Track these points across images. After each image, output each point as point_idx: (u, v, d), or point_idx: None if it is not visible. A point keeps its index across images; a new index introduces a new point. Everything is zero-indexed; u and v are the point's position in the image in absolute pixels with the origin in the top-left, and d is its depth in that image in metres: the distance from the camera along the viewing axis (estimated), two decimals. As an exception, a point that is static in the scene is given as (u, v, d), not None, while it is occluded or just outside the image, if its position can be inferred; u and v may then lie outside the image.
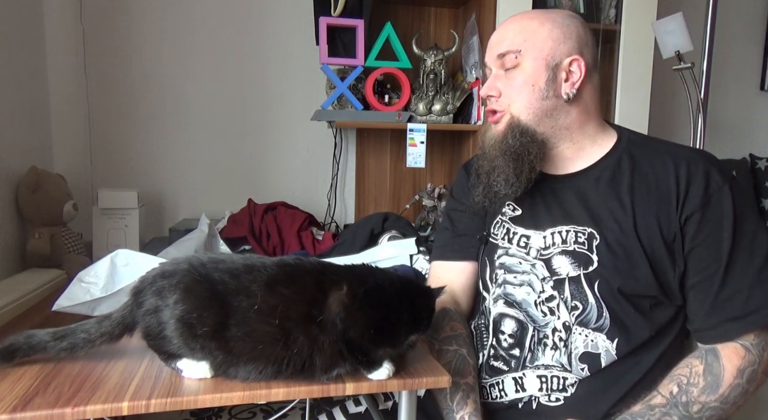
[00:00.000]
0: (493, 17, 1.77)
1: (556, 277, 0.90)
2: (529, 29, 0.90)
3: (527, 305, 0.92)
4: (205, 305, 0.74)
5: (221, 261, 0.79)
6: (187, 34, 1.89)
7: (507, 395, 0.92)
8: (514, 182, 0.91)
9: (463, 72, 1.99)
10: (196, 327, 0.74)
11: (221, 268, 0.77)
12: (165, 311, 0.75)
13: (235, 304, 0.75)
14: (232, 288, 0.76)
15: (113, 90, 1.85)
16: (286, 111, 1.99)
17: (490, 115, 0.96)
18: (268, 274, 0.77)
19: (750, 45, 2.47)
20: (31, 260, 1.42)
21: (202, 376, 0.77)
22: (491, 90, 0.94)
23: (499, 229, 1.00)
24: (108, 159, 1.86)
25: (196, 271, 0.76)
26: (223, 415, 1.44)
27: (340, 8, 1.73)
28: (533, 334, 0.91)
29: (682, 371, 0.84)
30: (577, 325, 0.88)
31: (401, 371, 0.81)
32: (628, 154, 0.92)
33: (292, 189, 2.03)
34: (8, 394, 0.72)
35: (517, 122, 0.91)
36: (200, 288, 0.75)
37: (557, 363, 0.88)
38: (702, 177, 0.85)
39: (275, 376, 0.76)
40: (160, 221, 1.91)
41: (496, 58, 0.93)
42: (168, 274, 0.77)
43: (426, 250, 1.46)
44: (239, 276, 0.77)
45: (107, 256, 1.07)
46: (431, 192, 1.99)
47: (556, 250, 0.91)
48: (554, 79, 0.90)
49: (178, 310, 0.74)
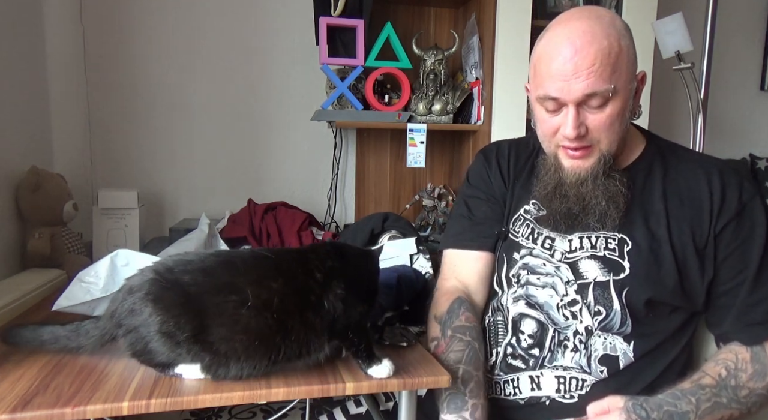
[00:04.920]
0: (493, 17, 1.77)
1: (581, 280, 0.90)
2: (611, 56, 0.80)
3: (549, 308, 0.92)
4: (180, 311, 0.73)
5: (189, 261, 0.77)
6: (187, 34, 1.89)
7: (521, 393, 0.93)
8: (610, 215, 0.88)
9: (463, 72, 1.99)
10: (176, 335, 0.73)
11: (191, 269, 0.76)
12: (142, 328, 0.74)
13: (217, 302, 0.74)
14: (209, 286, 0.74)
15: (113, 90, 1.84)
16: (286, 111, 1.99)
17: (570, 150, 0.87)
18: (249, 266, 0.77)
19: (750, 45, 2.47)
20: (31, 260, 1.42)
21: (202, 376, 0.77)
22: (581, 128, 0.83)
23: (521, 226, 0.98)
24: (108, 159, 1.86)
25: (163, 278, 0.75)
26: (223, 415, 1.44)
27: (340, 8, 1.73)
28: (554, 335, 0.91)
29: (727, 356, 0.86)
30: (600, 331, 0.88)
31: (401, 371, 0.81)
32: (660, 161, 0.92)
33: (292, 189, 2.03)
34: (8, 394, 0.72)
35: (608, 157, 0.86)
36: (170, 294, 0.73)
37: (576, 365, 0.89)
38: (736, 187, 0.87)
39: (270, 367, 0.76)
40: (160, 221, 1.91)
41: (580, 96, 0.81)
42: (135, 289, 0.75)
43: (426, 249, 1.46)
44: (214, 273, 0.75)
45: (107, 256, 1.07)
46: (431, 192, 1.99)
47: (584, 254, 0.90)
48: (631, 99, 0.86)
49: (153, 322, 0.73)
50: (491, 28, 1.78)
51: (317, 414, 1.09)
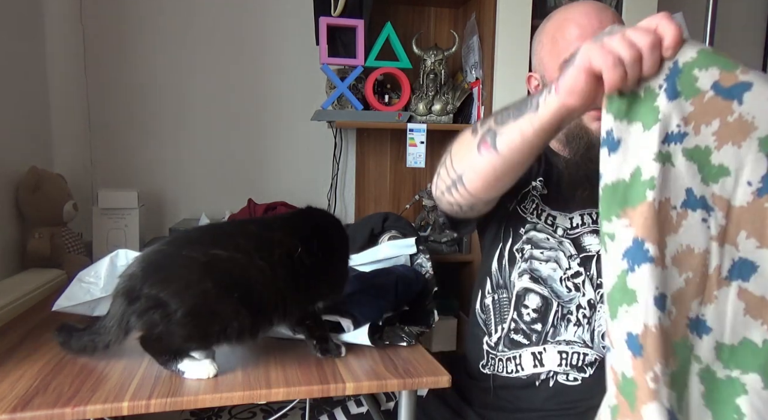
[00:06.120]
0: (493, 17, 1.77)
1: (584, 253, 0.92)
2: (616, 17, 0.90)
3: (552, 281, 0.94)
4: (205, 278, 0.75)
5: (189, 236, 0.83)
6: (187, 34, 1.89)
7: (524, 369, 0.93)
8: None
9: (463, 72, 1.99)
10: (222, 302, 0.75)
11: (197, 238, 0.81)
12: (172, 299, 0.74)
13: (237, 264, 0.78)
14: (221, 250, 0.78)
15: (113, 90, 1.84)
16: (286, 111, 1.99)
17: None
18: (250, 232, 0.83)
19: (750, 45, 2.47)
20: (31, 260, 1.42)
21: (204, 376, 0.77)
22: None
23: (528, 202, 1.00)
24: (108, 159, 1.86)
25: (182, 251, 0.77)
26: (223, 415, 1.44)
27: (340, 8, 1.73)
28: (557, 309, 0.92)
29: None
30: (602, 303, 0.89)
31: (401, 371, 0.81)
32: None
33: (292, 189, 2.03)
34: (8, 394, 0.72)
35: None
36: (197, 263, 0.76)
37: (579, 339, 0.90)
38: None
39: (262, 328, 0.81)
40: (160, 221, 1.91)
41: None
42: (164, 265, 0.77)
43: (426, 249, 1.46)
44: (218, 240, 0.80)
45: (107, 256, 1.07)
46: (431, 192, 1.99)
47: (586, 230, 0.93)
48: None
49: (195, 293, 0.74)
50: (491, 28, 1.78)
51: (317, 414, 1.09)
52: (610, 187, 0.54)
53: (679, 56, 0.54)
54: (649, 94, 0.54)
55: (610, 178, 0.55)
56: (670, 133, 0.53)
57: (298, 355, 0.87)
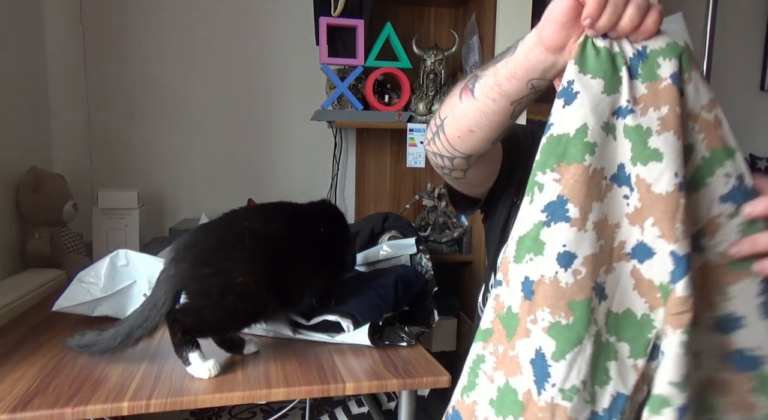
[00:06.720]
0: (493, 17, 1.77)
1: None
2: None
3: None
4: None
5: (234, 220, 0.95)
6: (187, 34, 1.89)
7: None
8: None
9: (463, 72, 1.99)
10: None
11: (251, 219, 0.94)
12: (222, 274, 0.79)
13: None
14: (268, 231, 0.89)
15: (113, 90, 1.84)
16: (286, 111, 1.99)
17: None
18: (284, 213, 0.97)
19: (750, 45, 2.47)
20: (31, 260, 1.42)
21: (205, 376, 0.77)
22: None
23: None
24: (108, 159, 1.86)
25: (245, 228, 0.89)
26: (223, 415, 1.44)
27: (340, 8, 1.73)
28: None
29: None
30: None
31: (401, 371, 0.81)
32: None
33: (292, 189, 2.03)
34: (8, 394, 0.72)
35: None
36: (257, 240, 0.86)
37: None
38: None
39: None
40: (160, 221, 1.91)
41: None
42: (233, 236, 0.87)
43: (426, 249, 1.46)
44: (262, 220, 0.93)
45: (107, 256, 1.07)
46: (431, 192, 1.99)
47: None
48: None
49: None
50: (491, 28, 1.78)
51: (318, 414, 1.09)
52: (555, 139, 0.56)
53: (649, 43, 0.57)
54: (618, 60, 0.56)
55: (557, 130, 0.56)
56: (619, 107, 0.56)
57: (298, 355, 0.87)
